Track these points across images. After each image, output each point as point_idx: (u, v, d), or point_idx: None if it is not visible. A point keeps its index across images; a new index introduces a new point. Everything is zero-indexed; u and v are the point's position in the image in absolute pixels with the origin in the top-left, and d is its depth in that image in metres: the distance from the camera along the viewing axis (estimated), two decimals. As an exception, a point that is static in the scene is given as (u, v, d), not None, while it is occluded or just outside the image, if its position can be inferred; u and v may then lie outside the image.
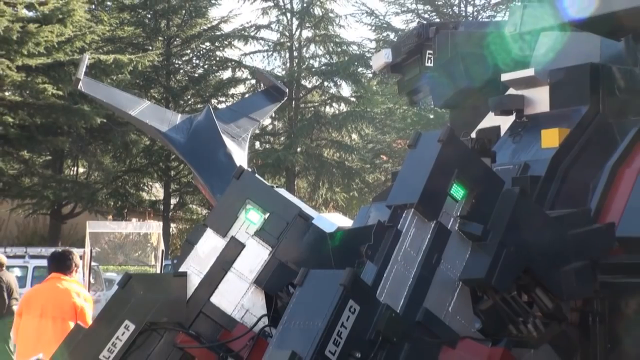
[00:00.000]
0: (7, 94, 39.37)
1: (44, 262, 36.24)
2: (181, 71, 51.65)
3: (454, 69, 10.97)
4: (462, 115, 10.79)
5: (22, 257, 35.97)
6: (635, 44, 9.22)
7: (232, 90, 52.71)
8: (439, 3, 53.05)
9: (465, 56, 10.84)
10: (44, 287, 11.95)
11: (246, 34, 54.20)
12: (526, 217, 8.35)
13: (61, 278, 11.91)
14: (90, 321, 11.17)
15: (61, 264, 12.23)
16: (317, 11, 53.67)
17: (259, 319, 8.94)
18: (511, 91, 10.26)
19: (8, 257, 37.12)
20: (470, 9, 52.65)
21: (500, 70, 10.31)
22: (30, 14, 41.37)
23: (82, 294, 12.03)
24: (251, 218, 9.01)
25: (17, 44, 38.32)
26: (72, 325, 10.98)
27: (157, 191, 55.13)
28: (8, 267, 36.03)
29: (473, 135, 10.09)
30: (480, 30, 11.38)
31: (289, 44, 53.65)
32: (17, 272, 35.24)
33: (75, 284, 12.17)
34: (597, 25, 8.56)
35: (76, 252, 30.42)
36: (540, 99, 9.96)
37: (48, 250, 37.61)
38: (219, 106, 34.43)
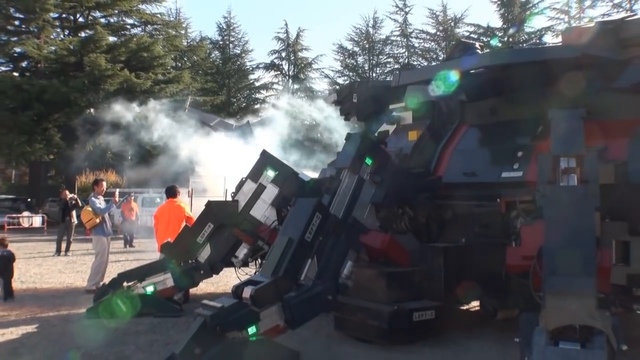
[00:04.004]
0: (153, 117, 38.97)
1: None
2: (235, 104, 51.03)
3: (366, 103, 10.97)
4: (372, 124, 10.78)
5: (160, 192, 34.86)
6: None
7: (260, 114, 52.28)
8: (359, 72, 52.56)
9: (373, 97, 10.83)
10: (166, 205, 11.77)
11: (266, 86, 53.84)
12: (401, 173, 8.43)
13: (173, 200, 11.75)
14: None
15: (171, 192, 11.93)
16: (301, 76, 53.14)
17: (274, 222, 9.05)
18: (394, 113, 10.27)
19: (155, 192, 36.40)
20: (374, 74, 52.23)
21: (389, 103, 10.33)
22: (162, 77, 40.92)
23: (186, 207, 11.90)
24: (269, 174, 9.15)
25: (156, 92, 37.87)
26: (183, 224, 11.00)
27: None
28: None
29: (376, 134, 10.16)
30: (380, 85, 11.38)
31: (286, 92, 53.19)
32: (158, 199, 34.22)
33: (182, 203, 12.04)
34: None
35: (183, 189, 29.58)
36: (408, 117, 9.97)
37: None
38: (254, 120, 34.15)
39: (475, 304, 9.33)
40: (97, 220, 12.20)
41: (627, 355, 4.86)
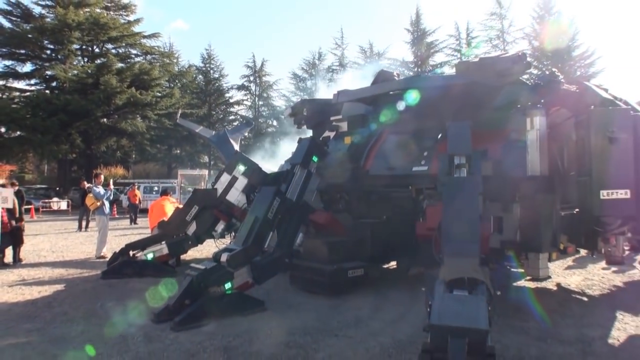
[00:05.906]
0: (152, 123, 37.76)
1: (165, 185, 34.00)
2: (214, 116, 49.76)
3: (314, 115, 10.80)
4: (317, 131, 10.65)
5: (157, 183, 33.53)
6: (375, 106, 9.21)
7: (234, 123, 51.07)
8: (309, 92, 52.01)
9: (319, 111, 10.65)
10: (159, 200, 11.73)
11: (239, 102, 52.75)
12: (339, 168, 8.38)
13: (166, 197, 11.69)
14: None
15: (164, 192, 12.04)
16: (265, 95, 52.31)
17: (244, 204, 8.87)
18: (335, 123, 10.17)
19: (154, 182, 34.88)
20: (320, 95, 51.80)
21: (331, 116, 10.21)
22: (159, 93, 39.92)
23: (175, 203, 11.88)
24: (240, 168, 8.91)
25: (153, 105, 37.26)
26: (170, 211, 10.76)
27: (205, 160, 52.37)
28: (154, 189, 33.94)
29: (321, 139, 10.01)
30: (324, 102, 11.19)
31: (253, 107, 52.43)
32: (156, 188, 32.64)
33: (172, 199, 12.01)
34: (364, 101, 8.51)
35: (175, 181, 28.27)
36: (344, 126, 9.91)
37: (168, 181, 35.65)
38: (229, 128, 33.46)
39: (393, 264, 9.42)
40: (98, 204, 12.01)
41: (499, 297, 4.98)
